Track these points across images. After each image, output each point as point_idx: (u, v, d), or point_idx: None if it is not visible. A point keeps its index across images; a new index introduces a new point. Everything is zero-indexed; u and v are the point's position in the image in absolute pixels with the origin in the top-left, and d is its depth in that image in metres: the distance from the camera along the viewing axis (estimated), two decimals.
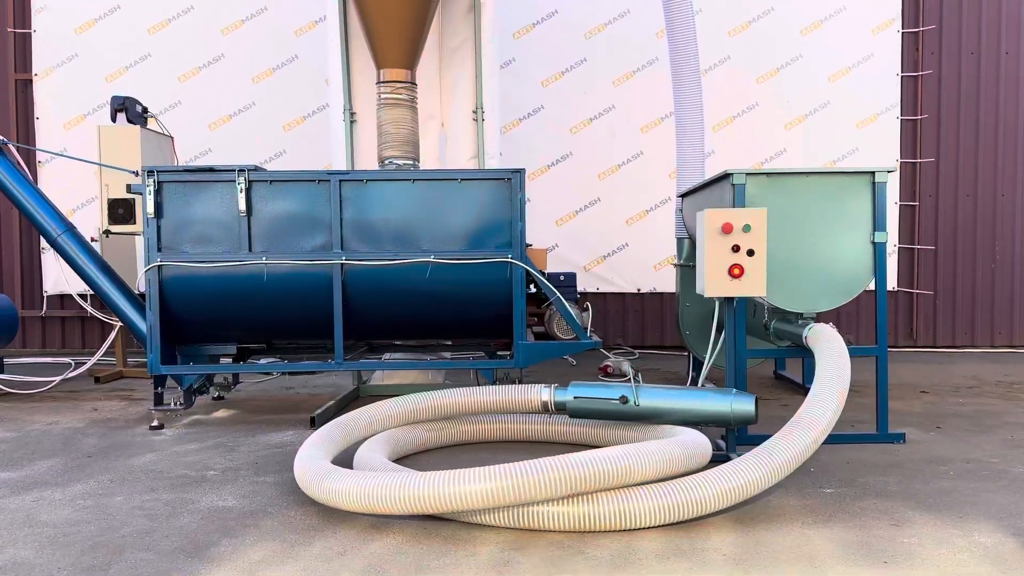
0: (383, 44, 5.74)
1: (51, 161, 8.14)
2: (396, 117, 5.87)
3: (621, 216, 8.43)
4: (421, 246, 4.99)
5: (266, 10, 8.28)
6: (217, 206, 4.89)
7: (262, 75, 8.32)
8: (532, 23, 8.37)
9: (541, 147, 8.42)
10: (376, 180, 5.03)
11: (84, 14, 8.21)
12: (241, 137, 8.30)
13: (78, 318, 8.42)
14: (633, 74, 8.40)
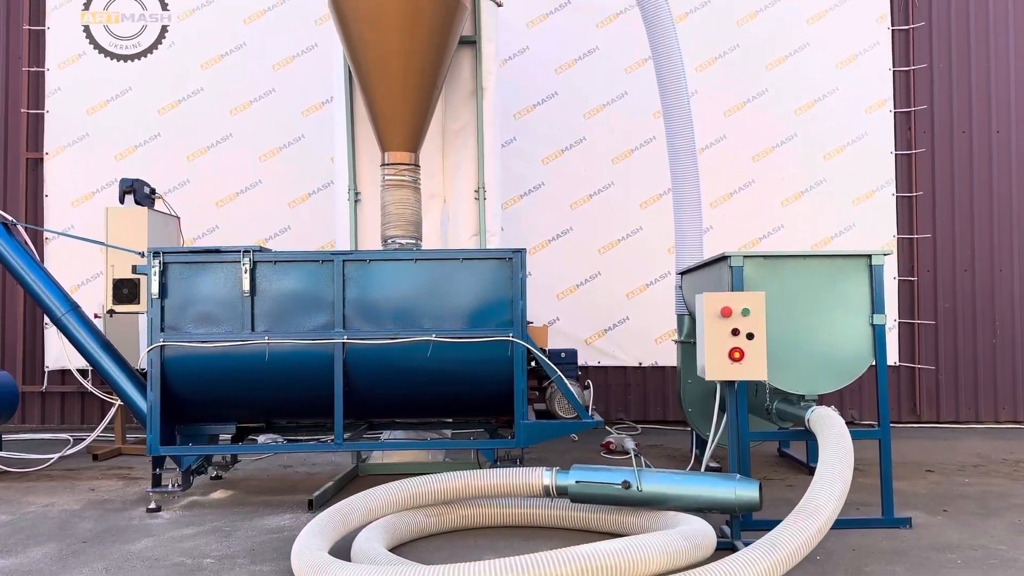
0: (387, 128, 5.88)
1: (57, 237, 8.25)
2: (399, 198, 5.97)
3: (621, 290, 8.48)
4: (423, 325, 5.02)
5: (274, 91, 8.52)
6: (221, 286, 4.94)
7: (269, 154, 8.50)
8: (533, 104, 8.59)
9: (542, 222, 8.54)
10: (379, 260, 5.09)
11: (97, 95, 8.44)
12: (247, 214, 8.43)
13: (78, 393, 8.40)
14: (631, 152, 8.57)
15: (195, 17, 8.49)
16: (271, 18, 8.54)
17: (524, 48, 8.56)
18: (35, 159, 8.45)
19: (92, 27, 8.47)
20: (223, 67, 8.49)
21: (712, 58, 8.53)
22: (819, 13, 8.51)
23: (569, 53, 8.57)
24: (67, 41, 8.45)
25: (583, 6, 8.54)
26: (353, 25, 5.63)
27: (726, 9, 8.53)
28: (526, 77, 8.56)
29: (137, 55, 8.47)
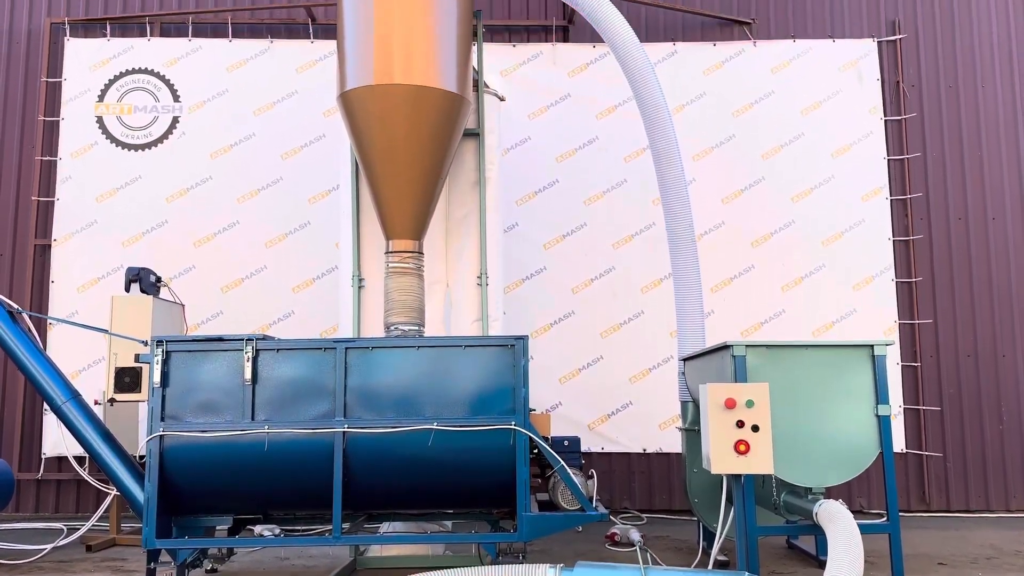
0: (392, 217, 5.98)
1: (58, 324, 8.27)
2: (403, 285, 6.02)
3: (624, 374, 8.45)
4: (424, 413, 4.99)
5: (282, 179, 8.69)
6: (223, 374, 4.94)
7: (275, 240, 8.62)
8: (534, 191, 8.75)
9: (544, 306, 8.58)
10: (381, 347, 5.10)
11: (107, 184, 8.62)
12: (251, 299, 8.48)
13: (74, 481, 8.27)
14: (632, 238, 8.68)
15: (206, 108, 8.75)
16: (281, 109, 8.79)
17: (526, 138, 8.78)
18: (43, 245, 8.57)
19: (105, 118, 8.72)
20: (232, 156, 8.69)
21: (709, 147, 8.74)
22: (813, 104, 8.77)
23: (569, 143, 8.78)
24: (80, 131, 8.68)
25: (582, 98, 8.80)
26: (361, 120, 5.80)
27: (721, 101, 8.79)
28: (528, 165, 8.76)
29: (148, 145, 8.69)
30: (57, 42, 8.84)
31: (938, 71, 8.90)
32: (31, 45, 8.91)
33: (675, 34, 8.97)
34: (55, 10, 8.95)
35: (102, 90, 8.74)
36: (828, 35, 8.93)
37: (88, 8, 8.95)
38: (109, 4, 8.95)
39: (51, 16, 8.91)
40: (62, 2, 8.96)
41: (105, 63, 8.77)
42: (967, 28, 8.95)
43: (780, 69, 8.83)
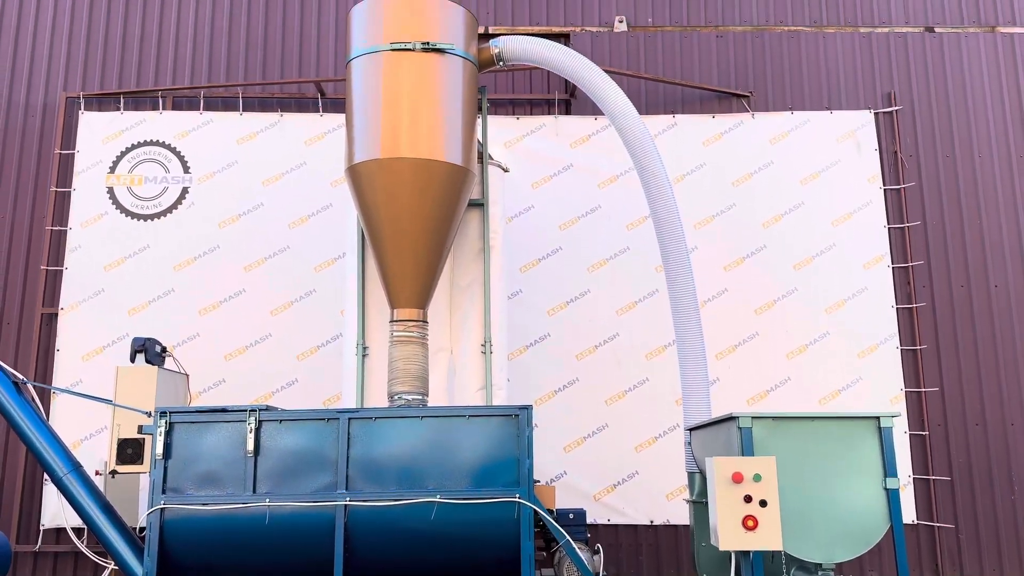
0: (397, 286, 6.04)
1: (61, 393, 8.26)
2: (407, 354, 6.03)
3: (630, 443, 8.37)
4: (427, 485, 4.95)
5: (289, 248, 8.78)
6: (225, 446, 4.92)
7: (280, 308, 8.66)
8: (537, 258, 8.82)
9: (547, 373, 8.55)
10: (385, 418, 5.09)
11: (115, 253, 8.70)
12: (255, 367, 8.47)
13: (71, 554, 8.13)
14: (635, 304, 8.71)
15: (216, 179, 8.91)
16: (289, 180, 8.94)
17: (529, 207, 8.90)
18: (50, 314, 8.62)
19: (116, 188, 8.87)
20: (240, 225, 8.80)
21: (710, 216, 8.84)
22: (812, 174, 8.90)
23: (572, 211, 8.89)
24: (91, 202, 8.82)
25: (584, 169, 8.94)
26: (368, 192, 5.91)
27: (721, 171, 8.93)
28: (531, 233, 8.85)
29: (157, 215, 8.82)
30: (72, 115, 9.07)
31: (935, 141, 9.05)
32: (46, 118, 9.13)
33: (675, 106, 9.17)
34: (71, 84, 9.20)
35: (114, 161, 8.92)
36: (825, 107, 9.12)
37: (103, 82, 9.20)
38: (123, 79, 9.21)
39: (67, 90, 9.16)
40: (78, 77, 9.22)
41: (117, 135, 8.98)
42: (961, 99, 9.15)
43: (779, 140, 9.00)
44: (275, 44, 9.30)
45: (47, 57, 9.25)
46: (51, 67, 9.23)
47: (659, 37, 9.33)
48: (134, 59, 9.25)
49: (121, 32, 9.30)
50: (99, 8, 9.35)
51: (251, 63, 9.25)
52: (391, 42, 5.90)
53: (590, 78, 6.39)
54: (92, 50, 9.27)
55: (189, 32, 9.31)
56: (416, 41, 5.89)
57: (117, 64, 9.24)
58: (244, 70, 9.22)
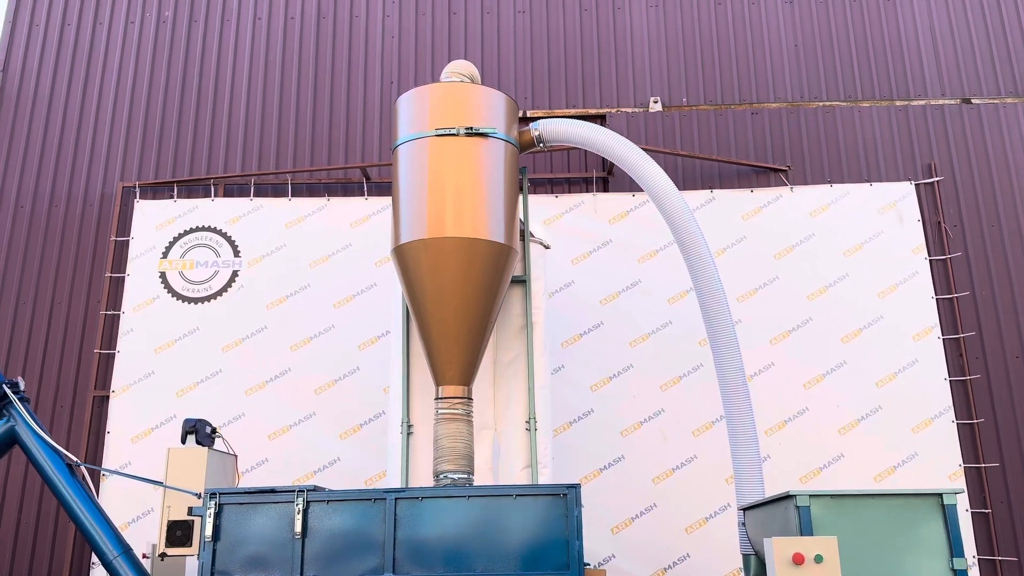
0: (442, 363, 6.07)
1: (112, 475, 8.35)
2: (452, 431, 6.01)
3: (680, 523, 8.14)
4: (474, 568, 4.85)
5: (334, 327, 8.91)
6: (273, 527, 4.90)
7: (324, 386, 8.73)
8: (579, 333, 8.82)
9: (592, 451, 8.42)
10: (431, 498, 5.04)
11: (166, 335, 8.91)
12: (299, 446, 8.50)
13: None
14: (680, 379, 8.61)
15: (264, 263, 9.14)
16: (334, 262, 9.14)
17: (570, 282, 8.95)
18: (101, 397, 8.79)
19: (168, 273, 9.15)
20: (287, 306, 8.98)
21: (753, 289, 8.80)
22: (855, 246, 8.85)
23: (612, 286, 8.92)
24: (144, 286, 9.09)
25: (623, 244, 9.01)
26: (413, 270, 6.02)
27: (762, 245, 8.92)
28: (572, 308, 8.88)
29: (207, 297, 9.04)
30: (128, 204, 9.45)
31: (979, 210, 8.98)
32: (103, 207, 9.52)
33: (712, 182, 9.26)
34: (127, 175, 9.62)
35: (167, 247, 9.22)
36: (865, 179, 9.14)
37: (157, 172, 9.61)
38: (177, 168, 9.61)
39: (123, 180, 9.58)
40: (134, 167, 9.64)
41: (171, 222, 9.31)
42: (1003, 167, 9.10)
43: (819, 213, 9.00)
44: (322, 132, 9.66)
45: (105, 149, 9.71)
46: (109, 158, 9.68)
47: (694, 115, 9.50)
48: (187, 149, 9.67)
49: (176, 123, 9.76)
50: (155, 100, 9.85)
51: (299, 150, 9.61)
52: (436, 128, 6.11)
53: (628, 155, 6.51)
54: (148, 141, 9.72)
55: (240, 122, 9.73)
56: (460, 126, 6.08)
57: (171, 154, 9.66)
58: (293, 157, 9.58)
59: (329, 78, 9.86)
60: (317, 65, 9.91)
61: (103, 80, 9.95)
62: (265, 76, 9.88)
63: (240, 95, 9.83)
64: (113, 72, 9.97)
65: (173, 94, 9.86)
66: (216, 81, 9.89)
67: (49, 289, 9.24)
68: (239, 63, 9.95)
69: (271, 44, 9.99)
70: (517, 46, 9.81)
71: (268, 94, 9.82)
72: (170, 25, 10.11)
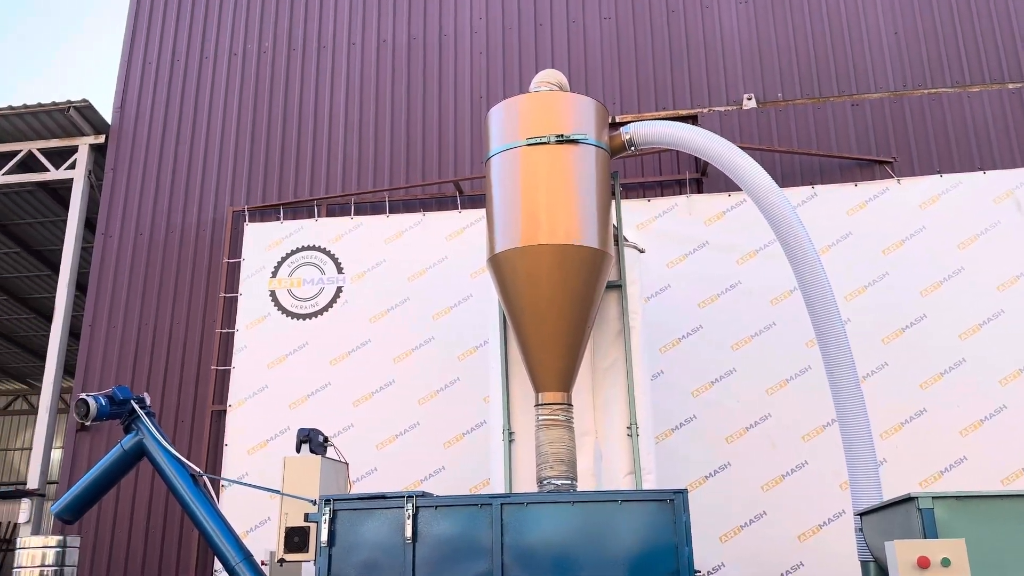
0: (541, 370, 6.10)
1: (232, 484, 8.77)
2: (554, 438, 6.02)
3: (792, 531, 7.88)
4: (582, 573, 4.83)
5: (433, 339, 9.11)
6: (385, 532, 5.03)
7: (427, 397, 8.92)
8: (678, 338, 8.69)
9: (696, 458, 8.26)
10: (536, 503, 5.06)
11: (277, 351, 9.32)
12: (405, 456, 8.71)
13: None
14: (786, 383, 8.35)
15: (366, 278, 9.44)
16: (432, 275, 9.35)
17: (665, 286, 8.84)
18: (219, 411, 9.25)
19: (277, 291, 9.56)
20: (388, 319, 9.24)
21: (861, 287, 8.46)
22: (969, 238, 8.40)
23: (710, 289, 8.76)
24: (255, 305, 9.54)
25: (720, 245, 8.84)
26: (509, 279, 6.09)
27: (869, 241, 8.58)
28: (669, 313, 8.76)
29: (314, 313, 9.40)
30: (238, 227, 9.95)
31: None
32: (215, 231, 10.06)
33: (813, 177, 8.98)
34: (236, 200, 10.13)
35: (275, 267, 9.65)
36: (977, 167, 8.67)
37: (264, 196, 10.08)
38: (282, 191, 10.06)
39: (233, 205, 10.09)
40: (242, 193, 10.15)
41: (278, 243, 9.74)
42: None
43: (928, 205, 8.59)
44: (416, 149, 9.92)
45: (216, 176, 10.26)
46: (219, 185, 10.22)
47: (791, 111, 9.25)
48: (291, 172, 10.11)
49: (279, 148, 10.23)
50: (260, 128, 10.35)
51: (395, 168, 9.89)
52: (527, 137, 6.17)
53: (724, 153, 6.38)
54: (255, 166, 10.21)
55: (339, 143, 10.10)
56: (551, 135, 6.12)
57: (276, 177, 10.12)
58: (389, 175, 9.87)
59: (421, 96, 10.12)
60: (410, 85, 10.19)
61: (210, 111, 10.53)
62: (361, 98, 10.23)
63: (338, 118, 10.21)
64: (220, 103, 10.54)
65: (276, 120, 10.34)
66: (315, 106, 10.31)
67: (168, 310, 9.81)
68: (336, 87, 10.34)
69: (365, 68, 10.34)
70: (604, 52, 9.81)
71: (364, 115, 10.16)
72: (270, 55, 10.61)
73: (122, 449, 6.19)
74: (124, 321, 9.83)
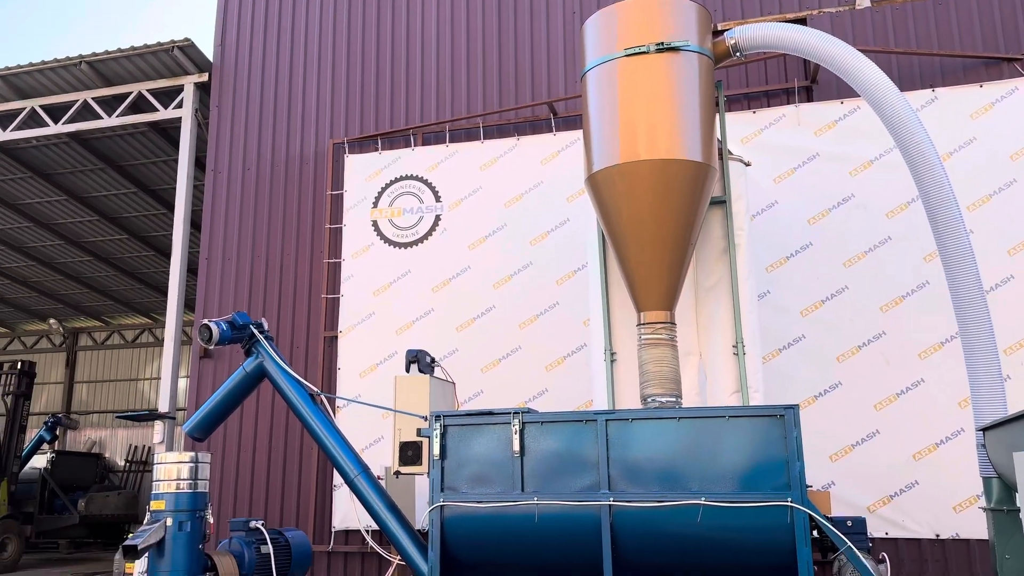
0: (643, 289, 6.03)
1: (347, 406, 9.18)
2: (657, 356, 5.99)
3: (906, 450, 7.65)
4: (690, 487, 4.85)
5: (531, 264, 9.14)
6: (493, 447, 5.18)
7: (527, 321, 9.01)
8: (785, 256, 8.40)
9: (805, 378, 8.07)
10: (641, 419, 5.08)
11: (382, 279, 9.57)
12: (508, 378, 8.88)
13: (359, 554, 8.97)
14: (902, 299, 7.99)
15: (463, 206, 9.51)
16: (528, 200, 9.32)
17: (772, 203, 8.52)
18: (331, 337, 9.64)
19: (379, 221, 9.76)
20: (487, 246, 9.31)
21: (986, 195, 7.92)
22: None
23: (821, 204, 8.38)
24: (359, 235, 9.79)
25: (832, 157, 8.40)
26: (608, 196, 5.99)
27: (995, 146, 7.98)
28: (776, 230, 8.46)
29: (414, 242, 9.57)
30: (338, 159, 10.14)
31: None
32: (317, 164, 10.30)
33: (933, 80, 8.37)
34: (336, 132, 10.31)
35: (376, 197, 9.83)
36: None
37: (362, 127, 10.21)
38: (379, 121, 10.16)
39: (333, 138, 10.27)
40: (341, 125, 10.31)
41: (377, 173, 9.89)
42: None
43: None
44: (508, 73, 9.78)
45: (315, 110, 10.44)
46: (319, 118, 10.41)
47: (908, 8, 8.59)
48: (387, 102, 10.18)
49: (375, 79, 10.28)
50: (355, 60, 10.41)
51: (488, 94, 9.80)
52: (625, 48, 5.96)
53: (839, 54, 5.99)
54: (352, 99, 10.32)
55: (432, 72, 10.07)
56: (650, 43, 5.90)
57: (373, 109, 10.21)
58: (483, 101, 9.80)
59: (512, 17, 9.92)
60: (500, 6, 9.99)
61: (307, 44, 10.66)
62: (452, 25, 10.13)
63: (430, 46, 10.16)
64: (316, 36, 10.65)
65: (371, 51, 10.38)
66: (407, 35, 10.28)
67: (278, 243, 10.19)
68: (427, 16, 10.25)
69: None
70: None
71: (456, 42, 10.07)
72: None
73: (244, 371, 6.54)
74: (238, 254, 10.28)
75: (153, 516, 5.79)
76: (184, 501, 5.82)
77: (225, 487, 9.64)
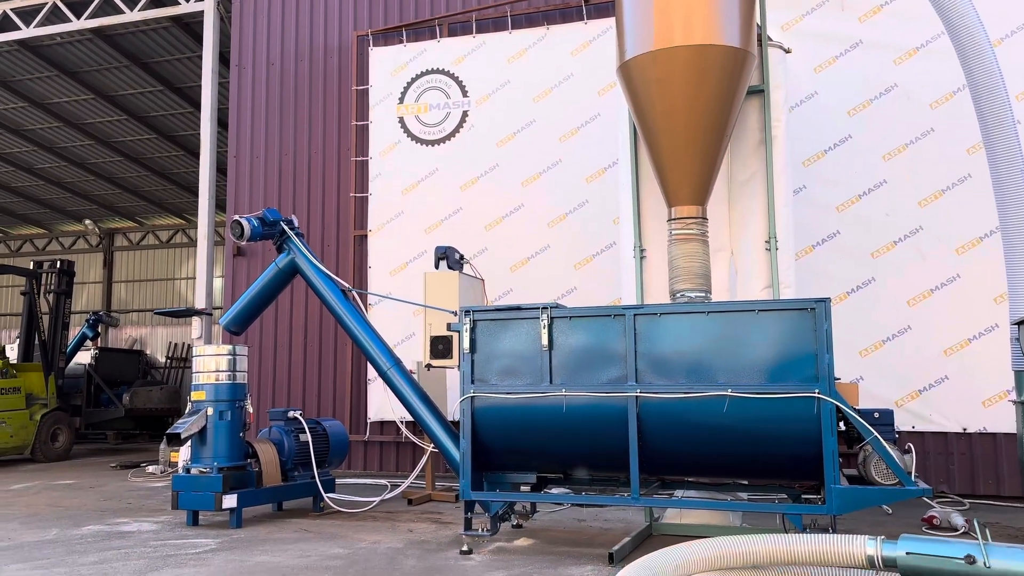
0: (674, 183, 5.91)
1: (378, 303, 9.31)
2: (688, 251, 5.92)
3: (937, 346, 7.62)
4: (717, 379, 4.88)
5: (561, 162, 9.00)
6: (522, 341, 5.23)
7: (556, 220, 8.95)
8: (823, 150, 8.17)
9: (838, 274, 7.99)
10: (669, 313, 5.07)
11: (409, 178, 9.51)
12: (537, 276, 8.90)
13: (393, 443, 9.29)
14: (942, 193, 7.78)
15: (490, 101, 9.30)
16: (557, 94, 9.09)
17: (811, 94, 8.22)
18: (361, 236, 9.68)
19: (406, 118, 9.62)
20: (516, 143, 9.16)
21: None
22: None
23: (863, 94, 8.07)
24: (386, 132, 9.67)
25: (876, 44, 8.03)
26: (641, 86, 5.79)
27: None
28: (815, 123, 8.20)
29: (442, 139, 9.44)
30: (363, 53, 9.92)
31: None
32: (342, 58, 10.08)
33: None
34: (359, 23, 10.04)
35: (402, 92, 9.65)
36: None
37: (386, 18, 9.92)
38: (403, 12, 9.85)
39: (356, 30, 10.01)
40: (365, 16, 10.03)
41: (403, 67, 9.67)
42: None
43: None
44: None
45: (338, 1, 10.14)
46: (342, 10, 10.12)
47: None
48: None
49: None
50: None
51: None
52: None
53: None
54: None
55: None
56: None
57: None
58: None
59: None
60: None
61: None
62: None
63: None
64: None
65: None
66: None
67: (305, 140, 10.12)
68: None
69: None
70: None
71: None
72: None
73: (277, 267, 6.62)
74: (265, 153, 10.25)
75: (195, 406, 6.00)
76: (224, 391, 6.01)
77: (263, 381, 9.94)
